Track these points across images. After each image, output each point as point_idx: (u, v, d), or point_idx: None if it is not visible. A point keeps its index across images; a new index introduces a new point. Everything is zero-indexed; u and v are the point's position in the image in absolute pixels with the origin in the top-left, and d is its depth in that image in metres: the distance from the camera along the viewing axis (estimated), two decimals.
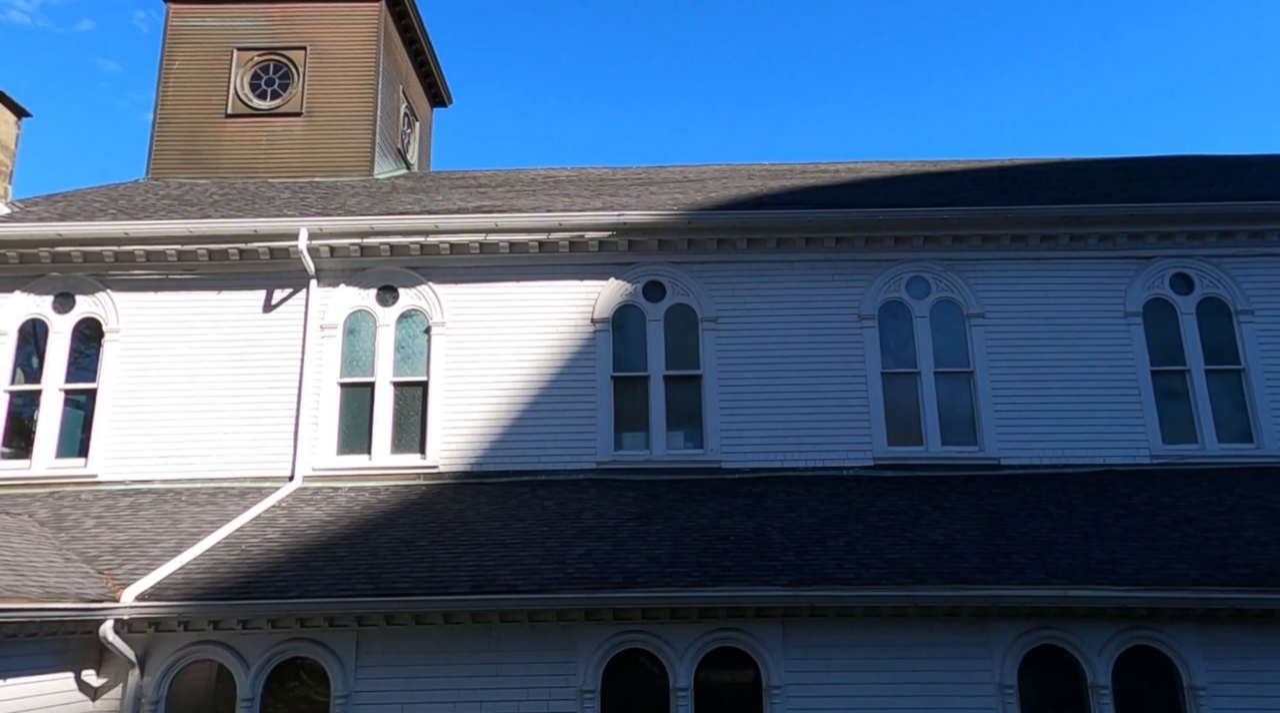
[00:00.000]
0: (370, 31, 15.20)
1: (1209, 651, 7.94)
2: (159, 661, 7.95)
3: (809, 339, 11.26)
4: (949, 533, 8.94)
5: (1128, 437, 10.89)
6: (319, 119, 14.75)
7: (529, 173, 15.06)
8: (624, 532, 9.10)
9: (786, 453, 10.84)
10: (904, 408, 11.10)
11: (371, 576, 8.07)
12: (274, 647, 8.00)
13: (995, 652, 8.01)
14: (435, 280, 11.46)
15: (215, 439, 10.87)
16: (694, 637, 8.04)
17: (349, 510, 9.89)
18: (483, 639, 8.04)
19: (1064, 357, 11.16)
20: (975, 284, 11.44)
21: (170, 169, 14.40)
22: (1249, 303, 11.34)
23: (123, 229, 11.19)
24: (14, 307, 11.32)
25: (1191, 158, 15.53)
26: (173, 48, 15.00)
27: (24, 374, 11.31)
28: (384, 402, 11.13)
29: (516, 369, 11.18)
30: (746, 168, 15.18)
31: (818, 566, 8.18)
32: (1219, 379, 11.18)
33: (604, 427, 10.95)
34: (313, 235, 11.14)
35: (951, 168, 14.79)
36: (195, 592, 7.80)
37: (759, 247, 11.47)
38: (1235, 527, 9.03)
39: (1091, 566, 8.14)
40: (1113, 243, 11.47)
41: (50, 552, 8.51)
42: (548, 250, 11.38)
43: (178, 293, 11.40)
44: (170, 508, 9.99)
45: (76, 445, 11.00)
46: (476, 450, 10.92)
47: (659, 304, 11.43)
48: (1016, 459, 10.81)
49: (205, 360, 11.15)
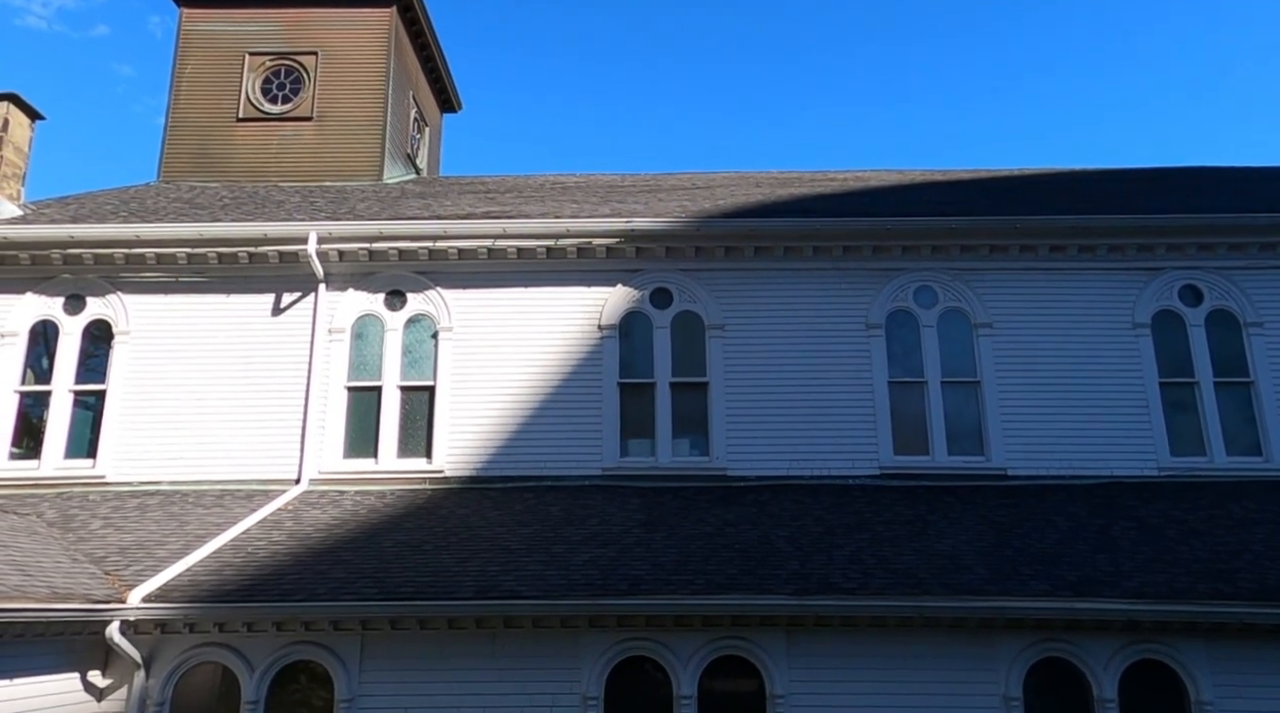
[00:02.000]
0: (381, 37, 15.28)
1: (1216, 665, 7.88)
2: (164, 662, 7.97)
3: (816, 347, 11.26)
4: (955, 544, 8.91)
5: (1135, 449, 10.85)
6: (329, 124, 14.83)
7: (537, 179, 15.10)
8: (629, 538, 9.10)
9: (792, 461, 10.83)
10: (910, 417, 11.08)
11: (376, 580, 8.08)
12: (279, 650, 8.02)
13: (1001, 664, 7.97)
14: (443, 285, 11.49)
15: (223, 441, 10.91)
16: (698, 645, 8.02)
17: (355, 514, 9.91)
18: (486, 645, 8.04)
19: (1072, 368, 11.13)
20: (983, 294, 11.42)
21: (181, 172, 14.48)
22: (1259, 315, 11.30)
23: (134, 232, 11.25)
24: (25, 308, 11.39)
25: (1202, 169, 15.48)
26: (185, 52, 15.11)
27: (34, 375, 11.37)
28: (391, 406, 11.16)
29: (523, 375, 11.20)
30: (755, 175, 15.21)
31: (823, 575, 8.16)
32: (1228, 392, 11.13)
33: (610, 433, 10.95)
34: (322, 239, 11.19)
35: (960, 177, 14.79)
36: (201, 594, 7.83)
37: (767, 254, 11.47)
38: (1244, 540, 8.97)
39: (1098, 578, 8.10)
40: (1121, 254, 11.44)
41: (58, 552, 8.54)
42: (555, 256, 11.41)
43: (187, 295, 11.46)
44: (177, 510, 10.03)
45: (85, 446, 11.05)
46: (482, 455, 10.94)
47: (666, 311, 11.44)
48: (1023, 470, 10.77)
49: (214, 363, 11.20)
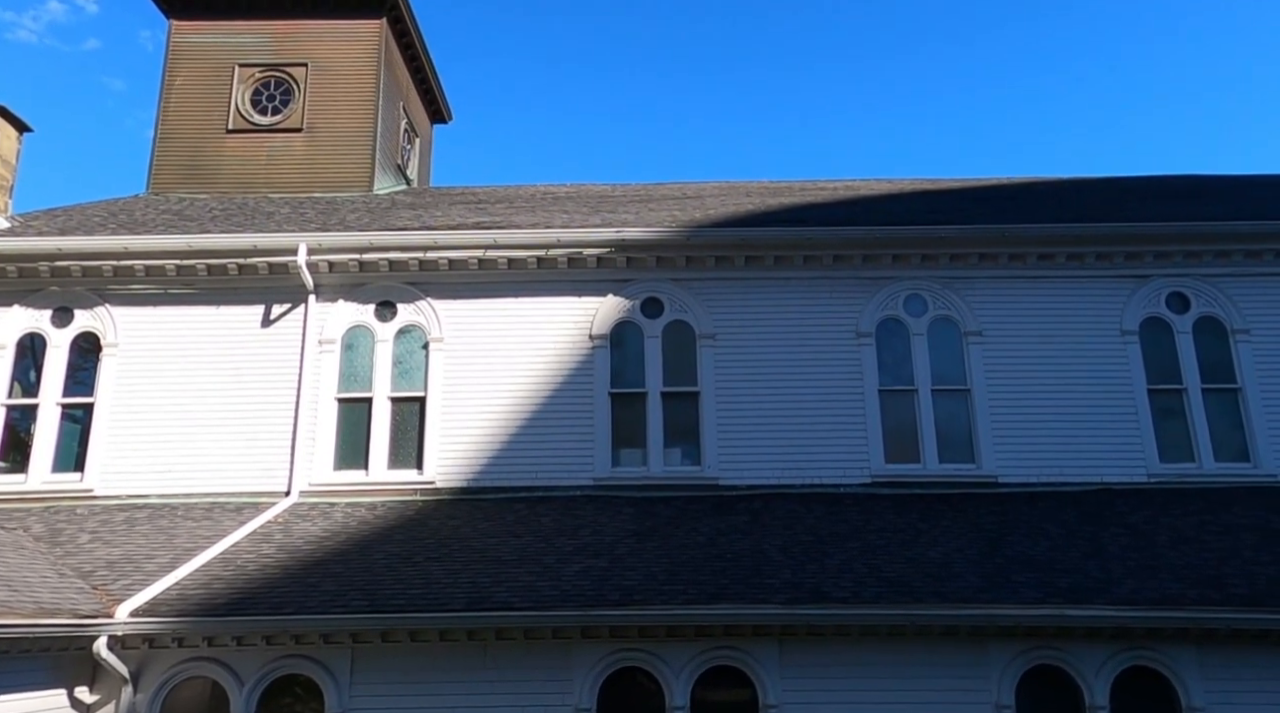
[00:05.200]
0: (371, 48, 15.28)
1: (1207, 671, 7.90)
2: (152, 677, 7.90)
3: (807, 356, 11.27)
4: (946, 552, 8.92)
5: (1125, 455, 10.89)
6: (319, 135, 14.81)
7: (528, 189, 15.11)
8: (621, 549, 9.08)
9: (784, 470, 10.83)
10: (901, 425, 11.10)
11: (367, 592, 8.04)
12: (268, 663, 7.96)
13: (992, 671, 7.97)
14: (434, 296, 11.47)
15: (212, 454, 10.85)
16: (690, 655, 8.00)
17: (345, 526, 9.87)
18: (478, 657, 8.00)
19: (1061, 375, 11.17)
20: (972, 302, 11.46)
21: (171, 184, 14.43)
22: (1245, 322, 11.37)
23: (122, 244, 11.21)
24: (12, 320, 11.33)
25: (1188, 177, 15.60)
26: (175, 64, 15.07)
27: (21, 387, 11.29)
28: (381, 417, 11.12)
29: (514, 385, 11.18)
30: (745, 185, 15.24)
31: (815, 584, 8.16)
32: (1216, 398, 11.19)
33: (601, 443, 10.94)
34: (312, 251, 11.16)
35: (949, 186, 14.85)
36: (190, 608, 7.77)
37: (757, 264, 11.50)
38: (1233, 546, 9.01)
39: (1089, 585, 8.12)
40: (1110, 262, 11.51)
41: (44, 567, 8.47)
42: (546, 267, 11.41)
43: (176, 307, 11.42)
44: (166, 523, 9.96)
45: (73, 460, 10.98)
46: (474, 466, 10.91)
47: (657, 321, 11.44)
48: (1014, 477, 10.80)
49: (203, 375, 11.14)
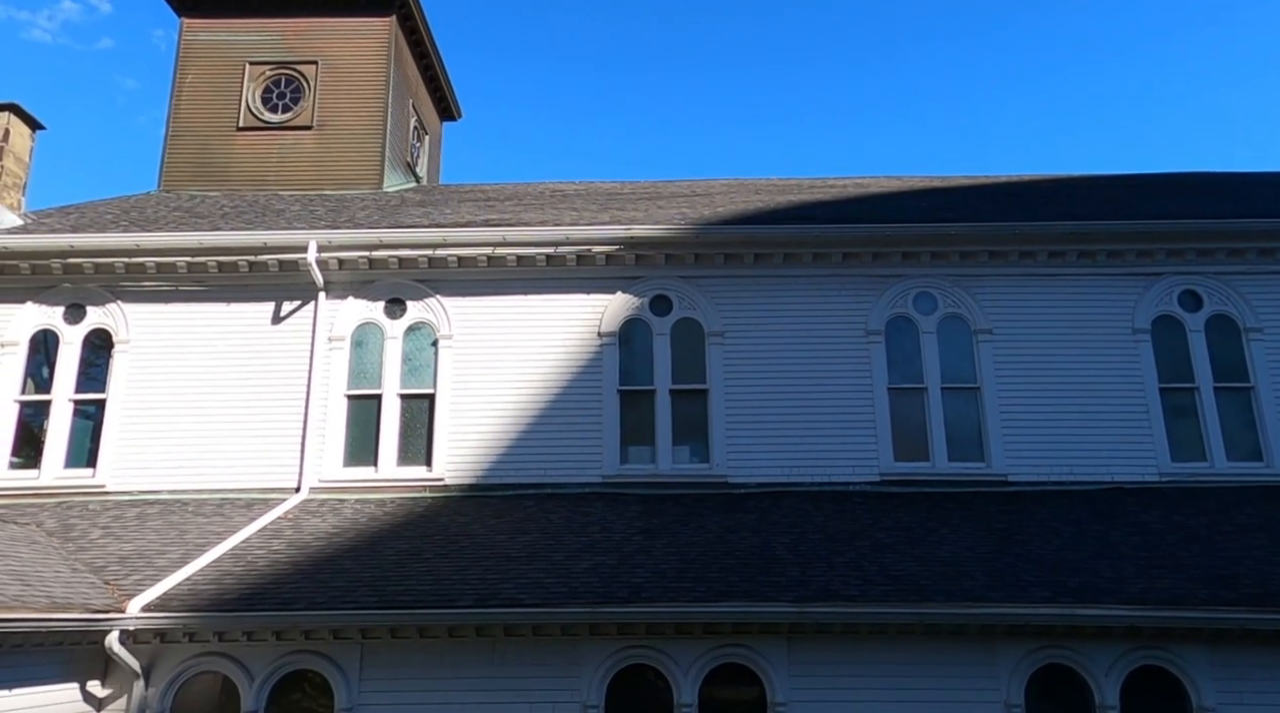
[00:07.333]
0: (381, 46, 15.32)
1: (1218, 671, 7.86)
2: (164, 672, 7.95)
3: (816, 354, 11.25)
4: (956, 550, 8.90)
5: (1136, 454, 10.83)
6: (329, 132, 14.86)
7: (537, 187, 15.12)
8: (629, 546, 9.09)
9: (793, 468, 10.82)
10: (911, 424, 11.07)
11: (376, 588, 8.07)
12: (278, 659, 8.00)
13: (1002, 671, 7.95)
14: (443, 293, 11.49)
15: (223, 450, 10.90)
16: (699, 653, 8.01)
17: (355, 523, 9.90)
18: (486, 653, 8.02)
19: (1072, 373, 11.12)
20: (983, 300, 11.42)
21: (182, 181, 14.51)
22: (1258, 321, 11.29)
23: (134, 241, 11.27)
24: (25, 317, 11.40)
25: (1201, 175, 15.50)
26: (186, 61, 15.15)
27: (34, 384, 11.37)
28: (391, 414, 11.15)
29: (523, 382, 11.19)
30: (754, 182, 15.22)
31: (824, 582, 8.15)
32: (1228, 397, 11.12)
33: (610, 440, 10.94)
34: (322, 248, 11.20)
35: (959, 184, 14.80)
36: (201, 603, 7.82)
37: (766, 261, 11.48)
38: (1245, 546, 8.96)
39: (1099, 584, 8.08)
40: (1121, 260, 11.44)
41: (57, 562, 8.53)
42: (555, 264, 11.42)
43: (187, 304, 11.47)
44: (177, 519, 10.02)
45: (85, 455, 11.05)
46: (482, 463, 10.93)
47: (666, 318, 11.44)
48: (1024, 476, 10.76)
49: (214, 372, 11.20)
